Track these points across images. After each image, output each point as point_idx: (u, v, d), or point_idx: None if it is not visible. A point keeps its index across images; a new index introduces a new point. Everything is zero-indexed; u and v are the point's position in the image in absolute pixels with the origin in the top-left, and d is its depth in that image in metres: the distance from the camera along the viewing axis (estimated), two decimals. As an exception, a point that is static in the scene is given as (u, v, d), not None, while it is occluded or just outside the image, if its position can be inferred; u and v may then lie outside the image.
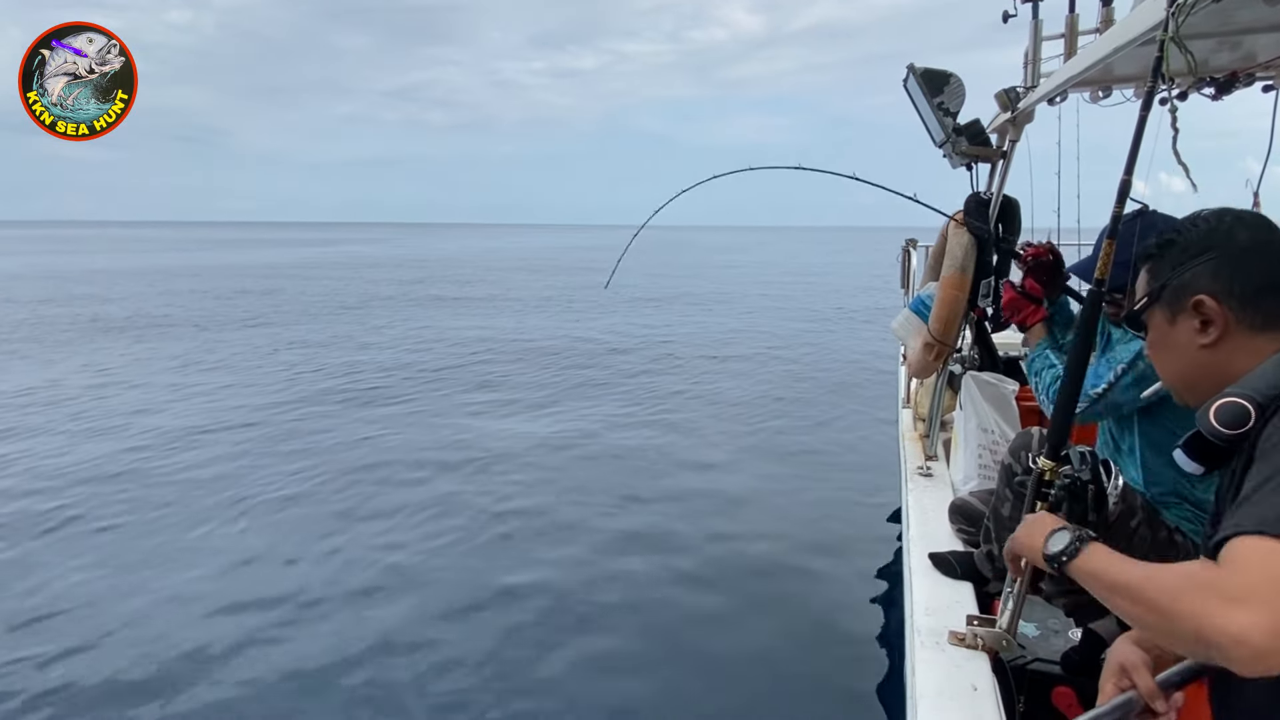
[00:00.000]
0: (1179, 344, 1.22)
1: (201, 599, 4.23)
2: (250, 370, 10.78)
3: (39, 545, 4.92)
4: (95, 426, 7.69)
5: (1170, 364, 1.25)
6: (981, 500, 2.65)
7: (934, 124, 3.27)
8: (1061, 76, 2.67)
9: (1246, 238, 1.18)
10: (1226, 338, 1.15)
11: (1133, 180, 1.60)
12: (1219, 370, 1.15)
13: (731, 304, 20.08)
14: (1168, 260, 1.24)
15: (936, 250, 3.55)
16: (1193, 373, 1.21)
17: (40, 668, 3.58)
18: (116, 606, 4.15)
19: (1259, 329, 1.14)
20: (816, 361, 11.66)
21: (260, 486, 5.99)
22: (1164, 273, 1.24)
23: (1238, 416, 1.04)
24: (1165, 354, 1.26)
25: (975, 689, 1.84)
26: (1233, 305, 1.15)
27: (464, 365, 11.18)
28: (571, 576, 4.49)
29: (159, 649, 3.74)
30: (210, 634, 3.87)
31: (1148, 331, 1.28)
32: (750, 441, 7.33)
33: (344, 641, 3.80)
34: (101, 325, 15.20)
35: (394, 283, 26.76)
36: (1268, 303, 1.14)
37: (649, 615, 4.11)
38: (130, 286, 23.70)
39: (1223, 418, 1.06)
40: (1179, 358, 1.23)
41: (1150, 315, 1.26)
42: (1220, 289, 1.16)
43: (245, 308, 18.60)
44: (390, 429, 7.69)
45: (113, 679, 3.48)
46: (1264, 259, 1.16)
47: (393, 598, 4.25)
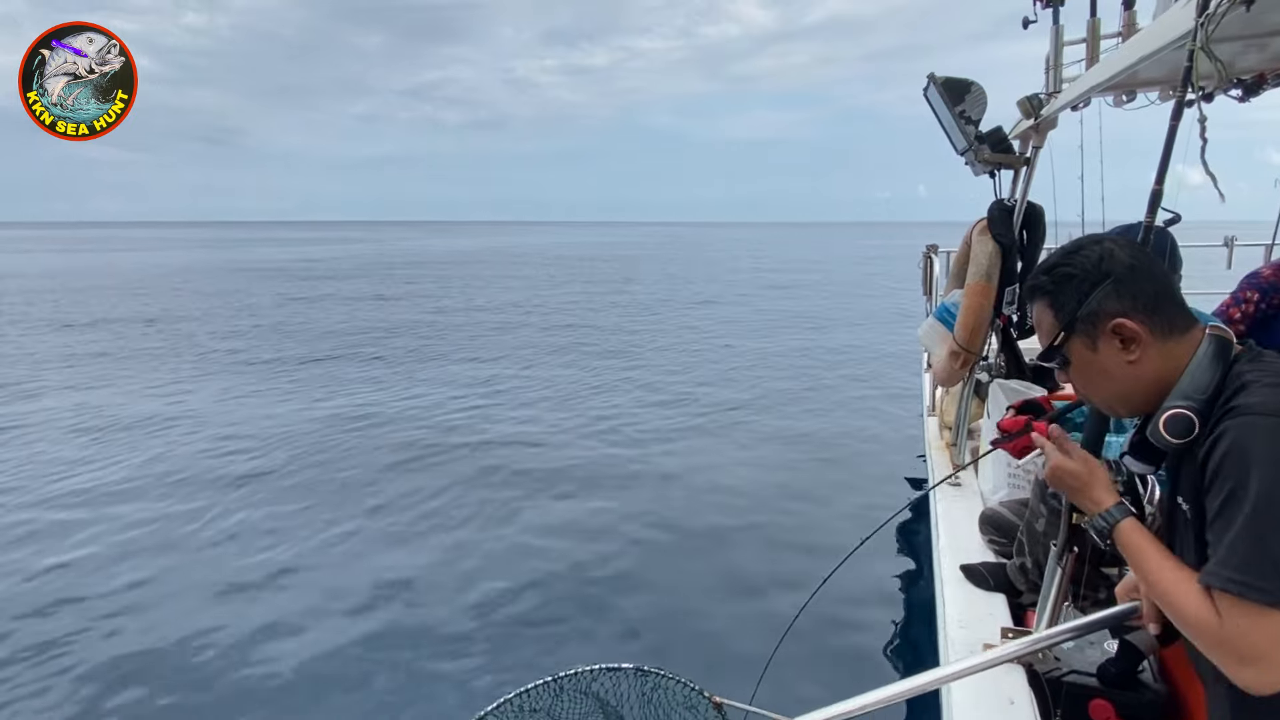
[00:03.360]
0: (1107, 367, 1.28)
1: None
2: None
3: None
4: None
5: (1103, 387, 1.32)
6: (1012, 510, 2.63)
7: (955, 132, 3.26)
8: (1086, 84, 2.66)
9: (1128, 257, 1.28)
10: (1147, 350, 1.25)
11: (1164, 190, 1.60)
12: (1148, 381, 1.26)
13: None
14: (1069, 293, 1.29)
15: (960, 257, 3.53)
16: (1126, 389, 1.29)
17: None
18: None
19: (1167, 335, 1.25)
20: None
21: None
22: (1069, 305, 1.29)
23: (1185, 426, 1.18)
24: (1096, 379, 1.31)
25: (1012, 702, 1.83)
26: (1144, 320, 1.24)
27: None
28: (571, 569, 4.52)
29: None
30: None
31: (1068, 363, 1.33)
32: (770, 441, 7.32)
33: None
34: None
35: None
36: (1165, 309, 1.25)
37: (671, 620, 4.11)
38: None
39: (1172, 429, 1.19)
40: (1111, 379, 1.29)
41: (1070, 347, 1.31)
42: (1129, 308, 1.25)
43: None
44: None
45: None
46: (1148, 273, 1.27)
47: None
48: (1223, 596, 1.09)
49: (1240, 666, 1.07)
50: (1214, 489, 1.12)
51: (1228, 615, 1.08)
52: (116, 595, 4.55)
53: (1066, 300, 1.29)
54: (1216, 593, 1.10)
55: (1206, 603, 1.11)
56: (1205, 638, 1.12)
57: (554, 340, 14.49)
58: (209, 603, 4.47)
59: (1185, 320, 1.26)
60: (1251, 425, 1.11)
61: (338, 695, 3.57)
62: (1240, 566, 1.06)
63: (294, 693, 3.60)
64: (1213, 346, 1.22)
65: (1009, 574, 2.37)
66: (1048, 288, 1.32)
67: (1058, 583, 1.83)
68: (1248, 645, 1.06)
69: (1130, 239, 1.37)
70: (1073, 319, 1.28)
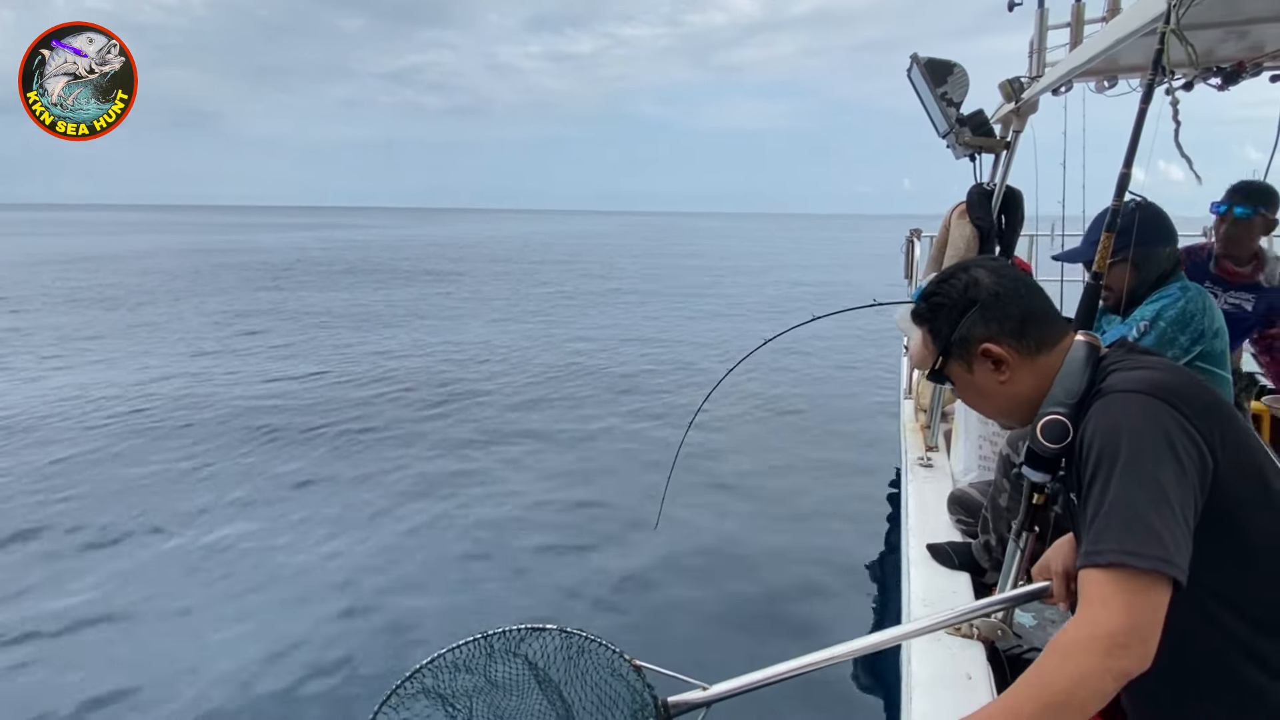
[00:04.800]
0: (984, 387, 1.35)
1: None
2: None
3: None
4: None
5: (985, 404, 1.40)
6: (980, 491, 2.66)
7: (937, 114, 3.26)
8: (1065, 67, 2.65)
9: (993, 283, 1.34)
10: (1017, 370, 1.31)
11: (1132, 172, 1.60)
12: (1024, 397, 1.32)
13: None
14: (941, 321, 1.36)
15: (939, 242, 3.54)
16: (1006, 405, 1.36)
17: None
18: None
19: (1035, 353, 1.31)
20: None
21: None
22: (942, 332, 1.36)
23: (1060, 430, 1.22)
24: (976, 397, 1.39)
25: (970, 677, 1.86)
26: (1011, 343, 1.31)
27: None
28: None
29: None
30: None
31: (953, 382, 1.39)
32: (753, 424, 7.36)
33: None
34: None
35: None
36: (1032, 330, 1.31)
37: (628, 595, 4.15)
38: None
39: (1048, 434, 1.24)
40: (989, 397, 1.37)
41: (949, 369, 1.38)
42: (995, 332, 1.31)
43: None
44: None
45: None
46: (1013, 298, 1.33)
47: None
48: (1105, 576, 1.04)
49: (1115, 659, 1.00)
50: (1086, 469, 1.14)
51: (1112, 596, 1.03)
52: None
53: (940, 327, 1.36)
54: (1097, 575, 1.05)
55: (1048, 658, 1.04)
56: (1088, 659, 1.01)
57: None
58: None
59: (1056, 333, 1.32)
60: (1111, 401, 1.16)
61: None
62: (1117, 537, 1.05)
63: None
64: (1081, 352, 1.28)
65: (974, 553, 2.40)
66: (925, 315, 1.39)
67: (1018, 562, 1.85)
68: (1132, 623, 1.01)
69: (1003, 262, 1.50)
70: (946, 344, 1.35)
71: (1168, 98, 1.75)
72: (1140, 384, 1.16)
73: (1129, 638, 1.01)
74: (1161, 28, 1.47)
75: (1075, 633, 1.04)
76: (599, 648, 1.37)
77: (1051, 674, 1.03)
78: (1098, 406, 1.18)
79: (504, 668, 1.38)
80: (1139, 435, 1.10)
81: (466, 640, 1.37)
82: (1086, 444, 1.15)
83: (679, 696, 1.35)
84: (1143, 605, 1.02)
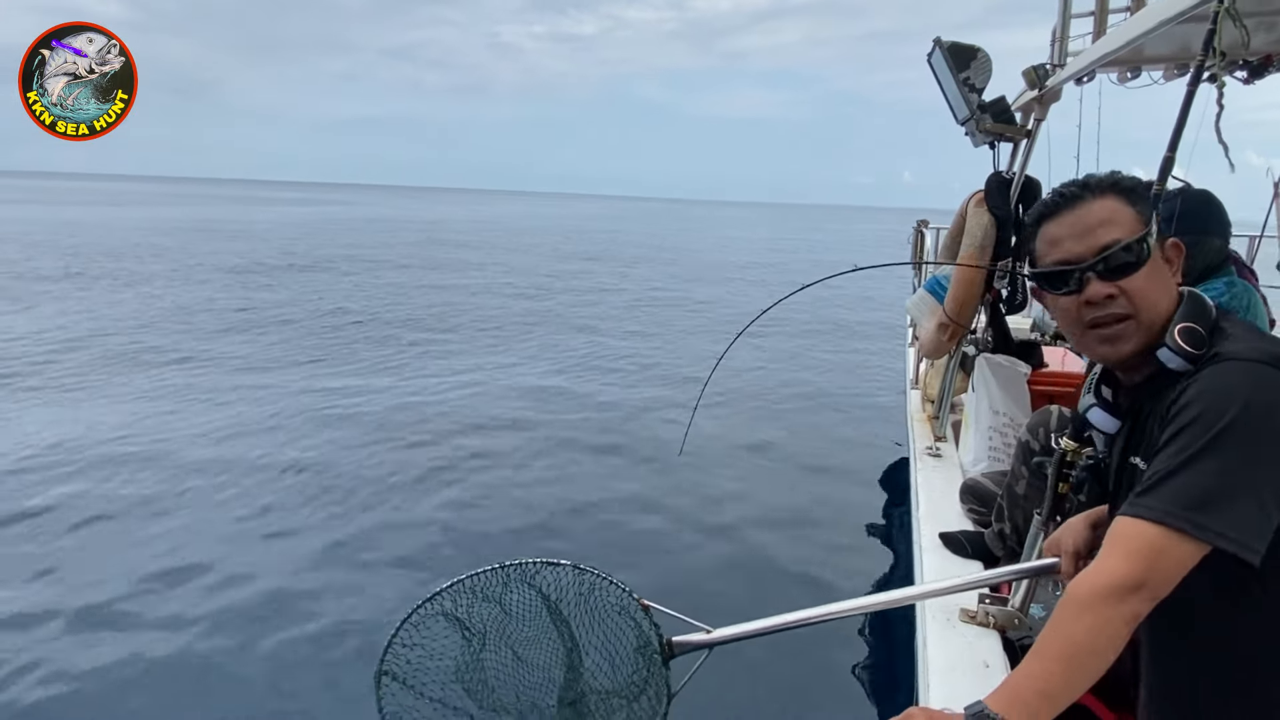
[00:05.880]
0: (1167, 280, 1.24)
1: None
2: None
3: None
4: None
5: (1156, 303, 1.23)
6: (994, 481, 2.64)
7: (957, 100, 3.21)
8: (1095, 54, 2.62)
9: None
10: (1175, 279, 1.26)
11: (1175, 156, 1.57)
12: (1167, 310, 1.22)
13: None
14: (1144, 198, 1.26)
15: (954, 229, 3.51)
16: (1166, 309, 1.22)
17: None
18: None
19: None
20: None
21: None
22: (1147, 209, 1.25)
23: (1198, 338, 1.14)
24: (1160, 286, 1.23)
25: (987, 665, 1.84)
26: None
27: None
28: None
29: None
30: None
31: (1138, 264, 1.21)
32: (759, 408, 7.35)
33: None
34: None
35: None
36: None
37: (647, 572, 4.15)
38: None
39: (1187, 337, 1.14)
40: (1167, 293, 1.24)
41: (1141, 249, 1.22)
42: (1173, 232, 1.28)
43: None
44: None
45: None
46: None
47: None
48: (1149, 531, 1.03)
49: (1134, 597, 1.01)
50: (1175, 422, 1.08)
51: (1139, 551, 1.02)
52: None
53: (1144, 203, 1.25)
54: (1141, 527, 1.04)
55: (1070, 609, 1.04)
56: (1104, 608, 1.02)
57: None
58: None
59: None
60: (1235, 367, 1.08)
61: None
62: (1186, 501, 1.01)
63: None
64: (1192, 294, 1.24)
65: (987, 541, 2.39)
66: (1126, 184, 1.25)
67: (1039, 551, 1.83)
68: (1149, 574, 1.01)
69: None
70: (1150, 221, 1.23)
71: (1211, 86, 1.72)
72: (1265, 355, 1.08)
73: (1141, 583, 1.02)
74: (1216, 7, 1.43)
75: (1093, 581, 1.05)
76: (610, 585, 1.42)
77: (1070, 625, 1.03)
78: (1215, 369, 1.09)
79: (519, 597, 1.44)
80: (1251, 405, 1.03)
81: (485, 569, 1.42)
82: (1188, 399, 1.08)
83: (683, 637, 1.40)
84: (1165, 564, 1.02)
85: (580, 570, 1.43)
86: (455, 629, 1.43)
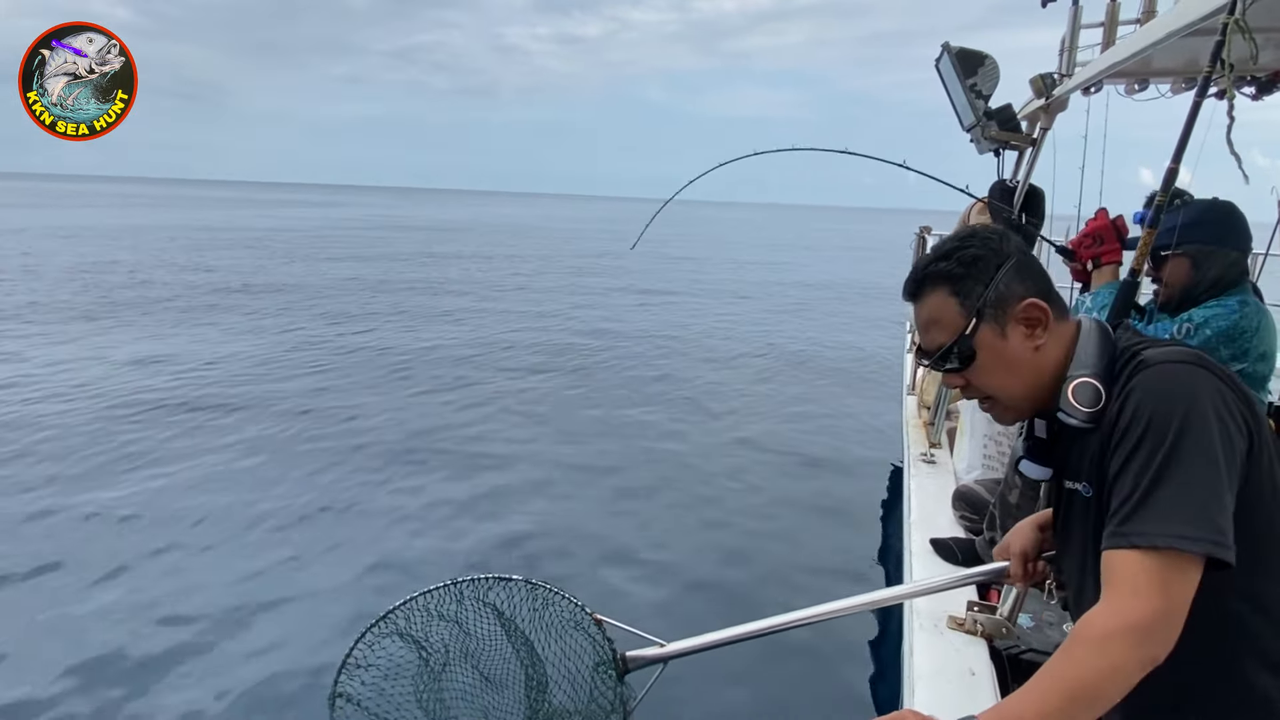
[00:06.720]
0: (1016, 355, 1.19)
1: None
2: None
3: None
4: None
5: (1010, 381, 1.20)
6: (987, 489, 2.64)
7: (964, 106, 3.21)
8: (1103, 64, 2.61)
9: (1018, 242, 1.24)
10: (1050, 334, 1.19)
11: (1179, 168, 1.56)
12: (1050, 367, 1.18)
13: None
14: (976, 278, 1.19)
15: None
16: (1032, 380, 1.19)
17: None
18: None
19: (1061, 316, 1.21)
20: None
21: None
22: (977, 289, 1.18)
23: (1093, 394, 1.11)
24: (1002, 372, 1.20)
25: (973, 673, 1.84)
26: (1045, 302, 1.19)
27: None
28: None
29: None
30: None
31: (972, 359, 1.20)
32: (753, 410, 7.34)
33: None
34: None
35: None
36: (1054, 292, 1.22)
37: (628, 582, 4.12)
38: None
39: (1081, 397, 1.12)
40: (1019, 369, 1.19)
41: (979, 337, 1.18)
42: (1032, 289, 1.19)
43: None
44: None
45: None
46: (1033, 257, 1.24)
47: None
48: (1144, 560, 0.99)
49: (1154, 641, 0.97)
50: (1125, 440, 1.05)
51: (1147, 583, 0.98)
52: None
53: (975, 284, 1.18)
54: (1134, 558, 1.00)
55: (1073, 645, 1.00)
56: (1122, 651, 0.97)
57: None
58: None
59: (1062, 303, 1.23)
60: (1161, 371, 1.06)
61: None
62: (1164, 518, 0.99)
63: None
64: (1095, 326, 1.20)
65: (977, 549, 2.38)
66: (953, 273, 1.20)
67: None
68: (1166, 610, 0.97)
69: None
70: (982, 304, 1.17)
71: (1220, 98, 1.71)
72: (1191, 356, 1.08)
73: (1161, 624, 0.98)
74: (1225, 19, 1.42)
75: (1107, 623, 0.99)
76: (563, 600, 1.41)
77: (1082, 666, 0.98)
78: (1144, 376, 1.08)
79: (474, 615, 1.41)
80: (1195, 409, 1.02)
81: (436, 586, 1.40)
82: (1130, 414, 1.06)
83: (637, 651, 1.39)
84: (1178, 590, 0.98)
85: (533, 585, 1.40)
86: (411, 648, 1.39)
